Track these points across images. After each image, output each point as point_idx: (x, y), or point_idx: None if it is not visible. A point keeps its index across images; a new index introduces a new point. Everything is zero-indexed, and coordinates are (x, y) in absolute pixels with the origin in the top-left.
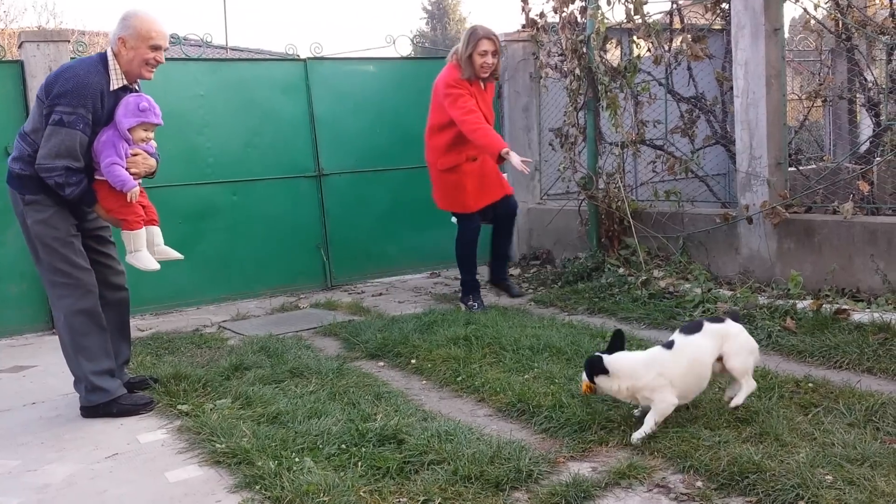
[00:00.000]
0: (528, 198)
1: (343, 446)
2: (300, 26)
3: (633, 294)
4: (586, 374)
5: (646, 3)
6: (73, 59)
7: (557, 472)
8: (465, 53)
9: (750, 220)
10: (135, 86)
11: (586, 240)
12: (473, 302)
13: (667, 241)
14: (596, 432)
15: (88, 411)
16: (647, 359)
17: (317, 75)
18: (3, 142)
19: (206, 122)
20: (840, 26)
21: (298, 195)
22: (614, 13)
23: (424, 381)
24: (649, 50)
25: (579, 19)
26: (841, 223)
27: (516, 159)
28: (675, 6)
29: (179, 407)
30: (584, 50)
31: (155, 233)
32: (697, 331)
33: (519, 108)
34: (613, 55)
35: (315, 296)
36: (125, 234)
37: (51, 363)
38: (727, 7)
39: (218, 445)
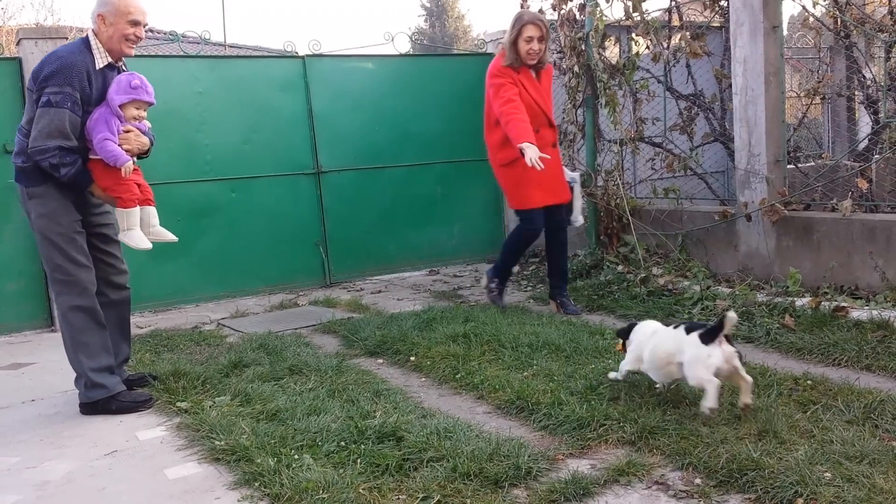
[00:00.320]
0: None
1: (342, 443)
2: (299, 23)
3: (631, 291)
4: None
5: (645, 0)
6: None
7: (556, 470)
8: (510, 39)
9: (749, 218)
10: (121, 64)
11: (585, 237)
12: (496, 286)
13: (665, 239)
14: (595, 429)
15: (87, 408)
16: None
17: (315, 72)
18: (2, 139)
19: (205, 119)
20: (839, 24)
21: (297, 192)
22: (613, 10)
23: (423, 379)
24: (648, 47)
25: (578, 17)
26: (839, 220)
27: (530, 154)
28: (673, 4)
29: (178, 404)
30: (583, 47)
31: (150, 213)
32: None
33: None
34: (612, 53)
35: (314, 293)
36: (119, 212)
37: (50, 360)
38: (726, 4)
39: (217, 442)
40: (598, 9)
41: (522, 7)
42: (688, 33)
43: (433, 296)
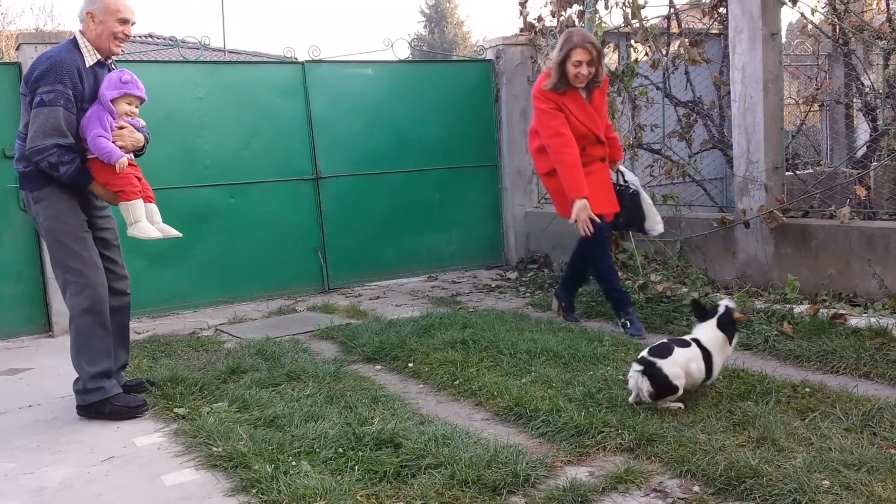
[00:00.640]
0: (525, 201)
1: (340, 450)
2: (298, 29)
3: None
4: None
5: (643, 7)
6: None
7: (555, 477)
8: (556, 60)
9: (747, 225)
10: (110, 63)
11: None
12: (626, 319)
13: (664, 246)
14: (593, 436)
15: (83, 410)
16: None
17: (315, 78)
18: (1, 143)
19: (204, 124)
20: (837, 31)
21: (296, 198)
22: (612, 17)
23: (421, 385)
24: (647, 54)
25: (577, 23)
26: (838, 228)
27: (577, 214)
28: (672, 10)
29: (176, 410)
30: None
31: (152, 210)
32: None
33: (517, 111)
34: (611, 59)
35: (312, 299)
36: (123, 207)
37: (47, 366)
38: (725, 12)
39: (214, 449)
40: (598, 15)
41: (522, 13)
42: (686, 40)
43: (431, 302)
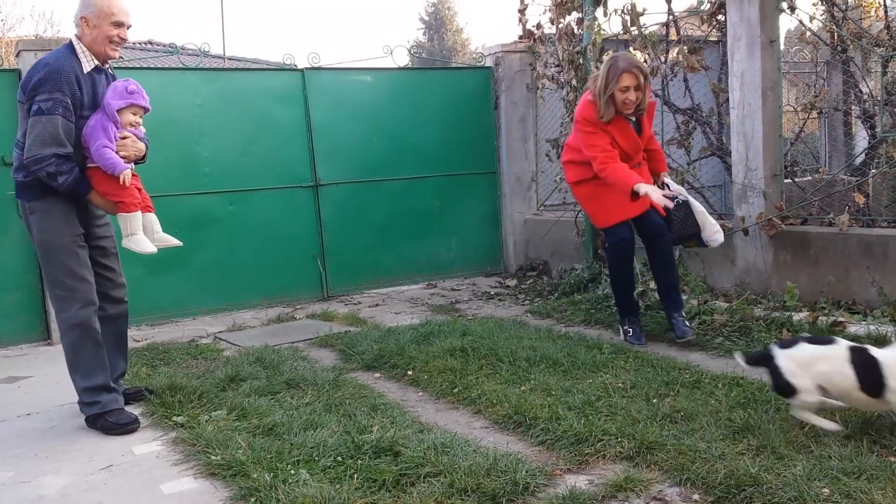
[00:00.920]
0: (524, 209)
1: (339, 458)
2: (298, 37)
3: None
4: None
5: (642, 14)
6: None
7: (554, 485)
8: (602, 88)
9: (746, 232)
10: (107, 68)
11: (583, 251)
12: (628, 327)
13: None
14: (593, 444)
15: (86, 421)
16: None
17: (314, 85)
18: (1, 151)
19: (204, 131)
20: (835, 38)
21: (295, 205)
22: (611, 24)
23: (421, 393)
24: (646, 61)
25: (576, 31)
26: (837, 235)
27: (656, 195)
28: (671, 18)
29: (174, 418)
30: (581, 61)
31: (152, 220)
32: None
33: (516, 118)
34: None
35: (311, 306)
36: (121, 218)
37: (46, 374)
38: (723, 19)
39: (213, 457)
40: (596, 23)
41: (521, 20)
42: (685, 47)
43: (431, 309)
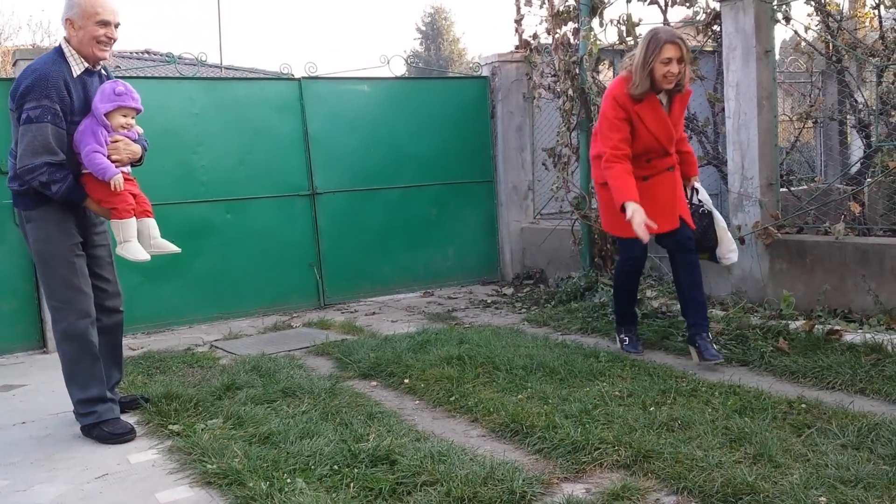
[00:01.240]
0: (521, 217)
1: (335, 467)
2: (295, 46)
3: None
4: None
5: (638, 25)
6: None
7: (551, 494)
8: (645, 63)
9: (742, 241)
10: (99, 69)
11: (579, 259)
12: (625, 336)
13: (659, 262)
14: (589, 453)
15: (82, 430)
16: None
17: (311, 94)
18: None
19: (201, 140)
20: (830, 48)
21: (292, 214)
22: (607, 35)
23: (417, 401)
24: None
25: (572, 41)
26: (832, 244)
27: (638, 221)
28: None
29: (170, 427)
30: (577, 71)
31: (150, 225)
32: None
33: (513, 127)
34: (606, 76)
35: (308, 315)
36: (114, 224)
37: (42, 382)
38: (718, 29)
39: (209, 466)
40: (592, 33)
41: (518, 30)
42: None
43: (427, 318)
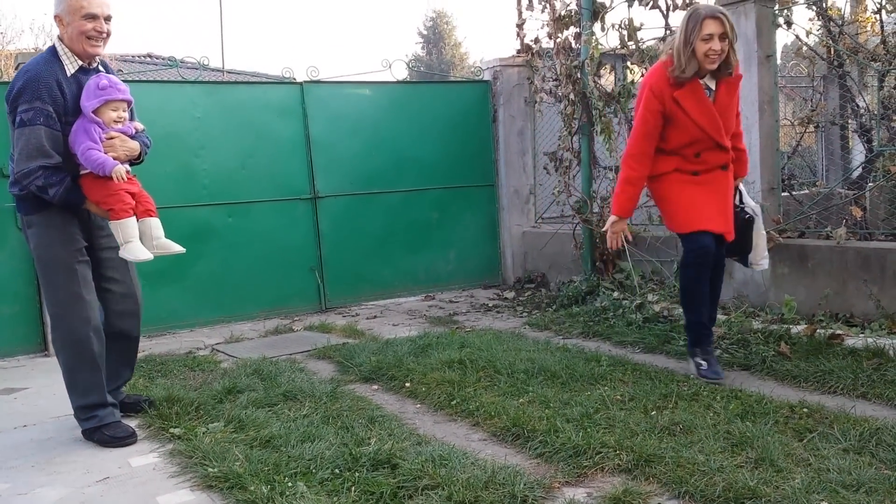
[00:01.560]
0: (522, 221)
1: (336, 471)
2: (297, 50)
3: (627, 318)
4: None
5: (639, 29)
6: None
7: (552, 498)
8: (686, 42)
9: None
10: (97, 66)
11: (581, 263)
12: (701, 359)
13: (661, 266)
14: (591, 457)
15: (83, 433)
16: None
17: (313, 98)
18: (0, 162)
19: (202, 144)
20: (832, 53)
21: (293, 217)
22: (608, 39)
23: (419, 405)
24: (643, 75)
25: (574, 45)
26: (834, 248)
27: (612, 231)
28: (668, 33)
29: (171, 430)
30: (579, 75)
31: (153, 225)
32: None
33: (514, 131)
34: (608, 80)
35: (309, 318)
36: (113, 226)
37: (43, 385)
38: None
39: (210, 469)
40: (594, 37)
41: (519, 35)
42: None
43: (429, 321)
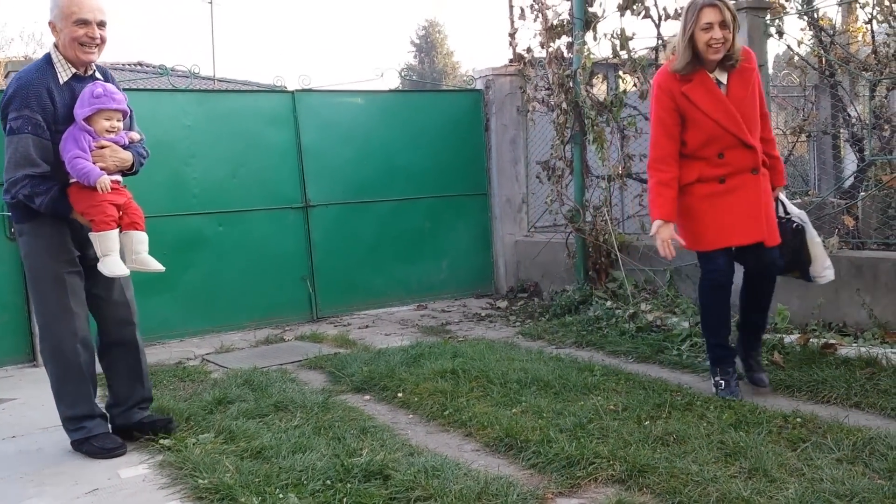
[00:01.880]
0: (515, 230)
1: (328, 482)
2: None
3: (620, 327)
4: None
5: (631, 38)
6: None
7: None
8: (685, 32)
9: None
10: (92, 73)
11: (574, 273)
12: (721, 379)
13: (654, 275)
14: (584, 468)
15: (72, 445)
16: None
17: (304, 107)
18: None
19: (193, 152)
20: (823, 63)
21: (285, 226)
22: (600, 49)
23: (411, 416)
24: (635, 85)
25: (566, 54)
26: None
27: (661, 242)
28: (660, 42)
29: (161, 441)
30: (571, 84)
31: (137, 239)
32: None
33: (506, 140)
34: (600, 90)
35: (301, 328)
36: (92, 237)
37: (31, 396)
38: None
39: (200, 481)
40: (586, 47)
41: (511, 44)
42: None
43: (421, 331)
